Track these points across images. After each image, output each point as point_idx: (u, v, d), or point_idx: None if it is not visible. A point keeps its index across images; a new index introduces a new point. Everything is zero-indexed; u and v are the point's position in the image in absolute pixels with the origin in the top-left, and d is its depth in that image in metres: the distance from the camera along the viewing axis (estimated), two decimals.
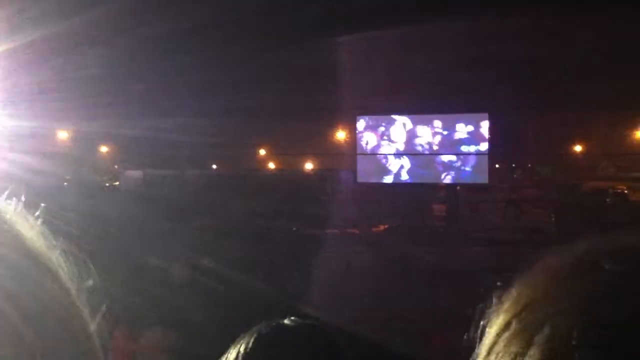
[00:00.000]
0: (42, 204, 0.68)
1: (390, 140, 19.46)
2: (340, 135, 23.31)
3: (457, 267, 8.77)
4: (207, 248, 9.53)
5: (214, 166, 24.88)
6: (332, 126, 23.35)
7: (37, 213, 0.64)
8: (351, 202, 17.69)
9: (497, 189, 19.06)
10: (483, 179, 18.54)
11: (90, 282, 0.65)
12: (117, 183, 20.41)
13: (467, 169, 18.76)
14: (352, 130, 20.76)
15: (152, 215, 15.22)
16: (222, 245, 10.78)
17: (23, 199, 0.64)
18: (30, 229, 0.61)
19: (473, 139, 18.70)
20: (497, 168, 21.78)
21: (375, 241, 13.79)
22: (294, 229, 14.41)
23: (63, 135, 21.82)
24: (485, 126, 18.58)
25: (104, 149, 25.92)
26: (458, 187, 19.07)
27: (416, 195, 17.91)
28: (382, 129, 19.59)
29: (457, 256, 10.39)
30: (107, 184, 21.50)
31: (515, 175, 26.02)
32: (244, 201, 17.73)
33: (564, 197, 17.67)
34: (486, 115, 18.70)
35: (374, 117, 19.97)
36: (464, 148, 18.79)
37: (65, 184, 18.61)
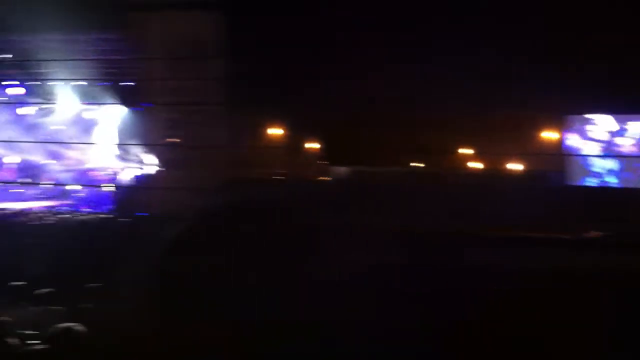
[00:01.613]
0: None
1: (601, 141, 18.52)
2: (547, 135, 22.50)
3: None
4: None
5: (416, 164, 25.29)
6: (539, 126, 22.62)
7: None
8: (559, 204, 17.09)
9: None
10: None
11: None
12: (329, 179, 21.65)
13: None
14: (560, 130, 20.03)
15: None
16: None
17: None
18: None
19: None
20: None
21: (587, 247, 13.23)
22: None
23: (277, 131, 23.62)
24: None
25: (309, 144, 27.55)
26: None
27: (632, 200, 16.81)
28: (591, 128, 18.69)
29: None
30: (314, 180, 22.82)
31: None
32: (440, 201, 17.86)
33: None
34: None
35: (582, 116, 19.14)
36: None
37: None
